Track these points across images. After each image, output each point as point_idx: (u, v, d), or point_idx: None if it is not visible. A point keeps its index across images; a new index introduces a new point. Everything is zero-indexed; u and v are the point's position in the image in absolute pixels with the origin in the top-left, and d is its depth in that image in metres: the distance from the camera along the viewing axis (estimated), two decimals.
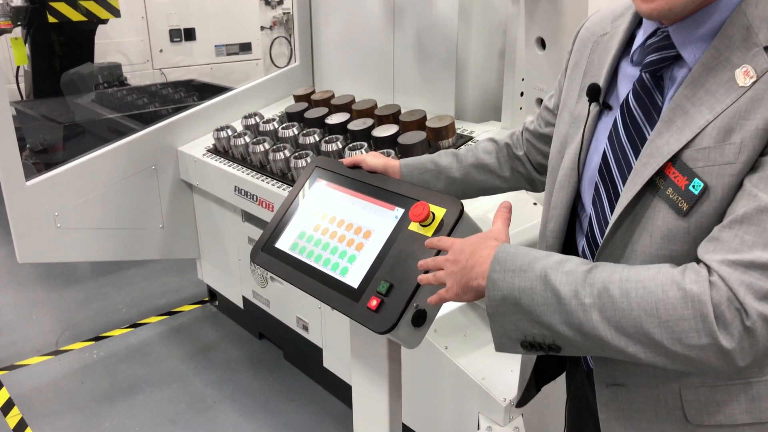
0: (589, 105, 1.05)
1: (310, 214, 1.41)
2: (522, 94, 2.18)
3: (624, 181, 0.97)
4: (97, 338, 3.33)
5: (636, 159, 0.95)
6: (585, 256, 1.07)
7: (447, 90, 2.55)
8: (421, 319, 1.17)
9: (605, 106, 1.04)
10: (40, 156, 4.44)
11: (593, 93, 1.03)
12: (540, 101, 1.91)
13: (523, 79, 2.16)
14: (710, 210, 0.86)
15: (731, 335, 0.79)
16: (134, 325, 3.45)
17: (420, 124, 2.41)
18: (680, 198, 0.88)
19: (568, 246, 1.13)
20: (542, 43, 1.82)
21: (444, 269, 1.03)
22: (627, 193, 0.94)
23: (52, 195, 2.69)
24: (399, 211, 1.26)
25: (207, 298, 3.65)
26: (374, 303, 1.17)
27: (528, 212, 1.84)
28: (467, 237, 1.05)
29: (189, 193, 3.14)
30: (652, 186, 0.92)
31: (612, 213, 0.98)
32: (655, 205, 0.91)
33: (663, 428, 1.00)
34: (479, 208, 1.90)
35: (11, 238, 2.62)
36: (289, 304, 2.80)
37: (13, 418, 2.73)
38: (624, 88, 1.02)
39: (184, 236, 3.22)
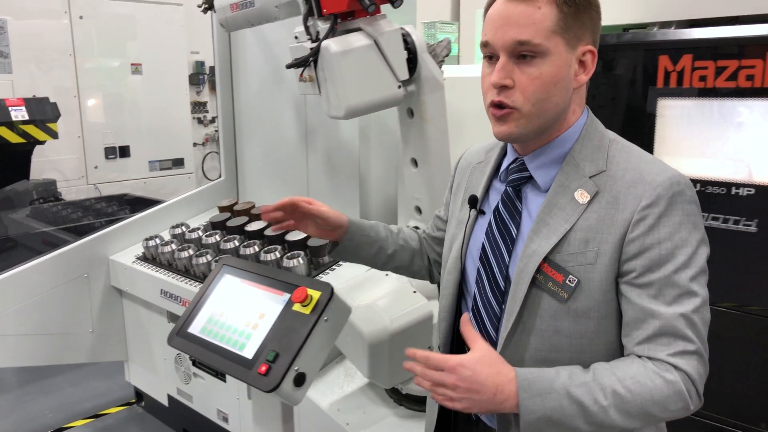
0: (470, 211, 1.42)
1: (218, 302, 1.73)
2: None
3: (499, 266, 1.30)
4: None
5: (506, 249, 1.31)
6: (474, 324, 1.36)
7: (352, 199, 2.94)
8: (301, 380, 1.48)
9: (480, 212, 1.42)
10: None
11: (473, 202, 1.41)
12: (418, 209, 2.32)
13: None
14: (583, 296, 1.20)
15: (692, 398, 1.16)
16: (59, 430, 3.52)
17: None
18: (560, 289, 1.21)
19: (456, 317, 1.44)
20: (415, 163, 2.25)
21: (454, 391, 1.18)
22: (518, 288, 1.24)
23: None
24: (286, 296, 1.60)
25: (134, 400, 3.76)
26: (263, 368, 1.47)
27: (409, 298, 2.20)
28: (466, 358, 1.19)
29: (119, 298, 3.35)
30: (533, 281, 1.23)
31: (491, 291, 1.32)
32: (540, 295, 1.23)
33: None
34: (349, 281, 2.31)
35: None
36: (211, 398, 3.00)
37: None
38: (494, 198, 1.40)
39: (113, 339, 3.38)
